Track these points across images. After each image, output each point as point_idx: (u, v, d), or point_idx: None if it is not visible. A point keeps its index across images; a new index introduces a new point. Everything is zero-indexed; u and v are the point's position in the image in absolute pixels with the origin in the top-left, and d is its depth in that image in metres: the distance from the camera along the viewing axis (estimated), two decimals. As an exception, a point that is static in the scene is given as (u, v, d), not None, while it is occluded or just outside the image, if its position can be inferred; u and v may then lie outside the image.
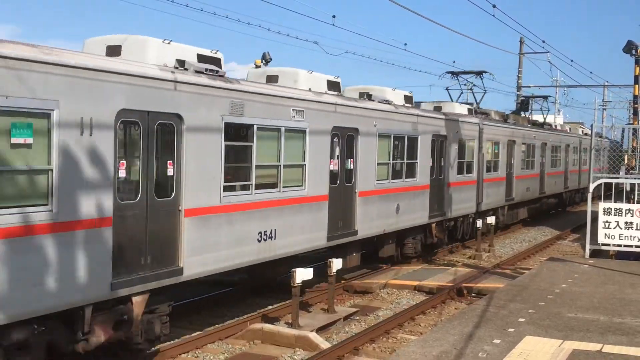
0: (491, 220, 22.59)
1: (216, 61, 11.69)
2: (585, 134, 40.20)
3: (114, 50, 10.64)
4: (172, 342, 11.37)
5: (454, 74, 27.87)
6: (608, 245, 16.91)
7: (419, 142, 18.63)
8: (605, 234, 16.66)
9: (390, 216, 17.25)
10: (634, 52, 23.65)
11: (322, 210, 14.36)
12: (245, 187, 12.12)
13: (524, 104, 41.05)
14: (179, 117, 10.34)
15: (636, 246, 16.54)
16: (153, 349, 10.54)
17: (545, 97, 38.33)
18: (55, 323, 8.69)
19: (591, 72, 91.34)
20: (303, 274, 12.56)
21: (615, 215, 16.56)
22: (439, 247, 21.57)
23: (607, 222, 16.61)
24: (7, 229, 7.85)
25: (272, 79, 14.14)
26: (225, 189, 11.47)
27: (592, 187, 17.41)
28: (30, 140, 8.16)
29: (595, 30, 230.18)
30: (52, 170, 8.37)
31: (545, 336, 9.79)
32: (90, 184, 8.86)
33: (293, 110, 13.26)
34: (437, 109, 22.51)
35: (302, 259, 14.53)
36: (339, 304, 14.95)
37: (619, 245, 16.77)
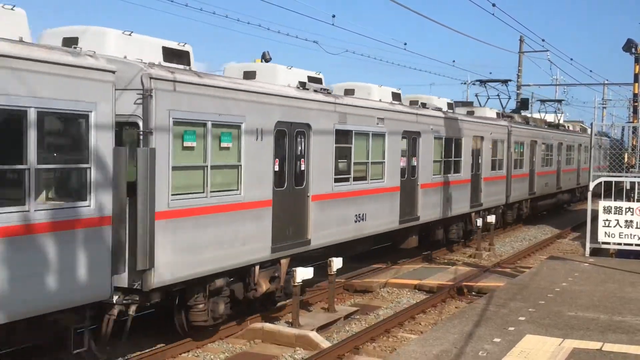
0: (491, 219, 22.62)
1: (319, 80, 15.10)
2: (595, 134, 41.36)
3: (250, 75, 13.77)
4: (173, 343, 11.36)
5: (482, 82, 31.15)
6: (608, 243, 16.90)
7: (462, 143, 21.56)
8: (606, 233, 16.66)
9: (442, 205, 20.19)
10: (633, 50, 23.64)
11: (395, 199, 17.32)
12: (347, 179, 15.18)
13: (523, 103, 41.13)
14: (308, 125, 13.57)
15: (636, 245, 16.53)
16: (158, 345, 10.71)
17: (560, 101, 41.41)
18: (237, 277, 11.96)
19: (591, 71, 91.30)
20: (303, 274, 12.58)
21: (615, 213, 16.56)
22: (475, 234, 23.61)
23: (607, 220, 16.61)
24: (218, 206, 11.17)
25: (349, 92, 17.00)
26: (335, 180, 14.60)
27: (592, 185, 17.41)
28: (230, 145, 11.41)
29: (595, 28, 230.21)
30: (240, 165, 11.65)
31: (545, 335, 9.79)
32: (260, 176, 12.18)
33: (377, 118, 16.32)
34: (470, 113, 25.28)
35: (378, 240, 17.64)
36: (339, 303, 14.96)
37: (619, 244, 16.77)
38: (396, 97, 17.29)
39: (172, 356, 11.04)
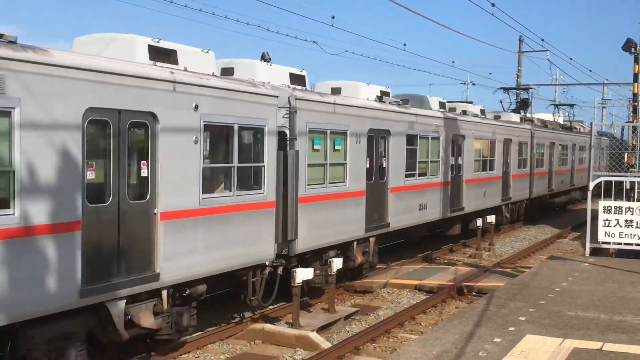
0: (491, 219, 22.64)
1: (387, 93, 18.17)
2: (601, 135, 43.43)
3: (336, 91, 16.48)
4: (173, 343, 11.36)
5: (506, 89, 35.16)
6: (608, 243, 16.91)
7: (495, 144, 24.95)
8: (605, 232, 16.66)
9: (481, 198, 23.67)
10: (633, 50, 23.65)
11: (447, 192, 20.71)
12: (413, 175, 18.59)
13: (523, 103, 41.14)
14: (388, 131, 16.98)
15: (636, 244, 16.54)
16: (182, 338, 11.16)
17: (572, 105, 44.01)
18: (342, 250, 15.22)
19: (590, 70, 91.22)
20: (304, 274, 12.58)
21: (615, 213, 16.57)
22: (506, 224, 27.54)
23: (607, 220, 16.61)
24: (332, 194, 14.58)
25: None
26: (406, 175, 18.03)
27: (592, 185, 17.41)
28: (340, 147, 14.90)
29: (594, 28, 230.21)
30: (346, 163, 15.04)
31: (545, 335, 9.80)
32: (358, 171, 15.56)
33: (435, 125, 19.79)
34: (497, 117, 28.33)
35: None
36: (340, 303, 14.96)
37: (619, 244, 16.77)
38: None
39: (173, 357, 11.04)
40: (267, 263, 12.58)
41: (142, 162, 9.77)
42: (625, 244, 16.68)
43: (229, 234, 11.39)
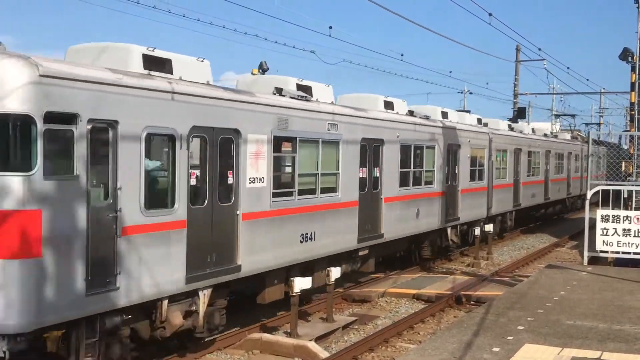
0: (489, 228, 22.63)
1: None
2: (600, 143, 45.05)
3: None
4: (171, 354, 11.34)
5: (557, 115, 41.21)
6: (606, 252, 16.89)
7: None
8: (603, 241, 16.65)
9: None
10: (630, 59, 23.69)
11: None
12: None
13: (520, 112, 41.30)
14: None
15: (634, 253, 16.52)
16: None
17: (573, 115, 47.38)
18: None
19: (588, 79, 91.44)
20: (301, 283, 12.56)
21: (613, 222, 16.56)
22: (517, 228, 29.73)
23: (605, 229, 16.60)
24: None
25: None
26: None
27: (589, 194, 17.41)
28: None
29: (591, 37, 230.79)
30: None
31: (544, 344, 9.78)
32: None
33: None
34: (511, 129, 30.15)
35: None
36: (338, 312, 14.93)
37: (617, 252, 16.76)
38: (479, 121, 23.05)
39: (172, 366, 11.01)
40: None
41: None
42: (623, 252, 16.66)
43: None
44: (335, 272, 13.72)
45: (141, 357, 10.70)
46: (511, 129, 28.67)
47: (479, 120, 25.44)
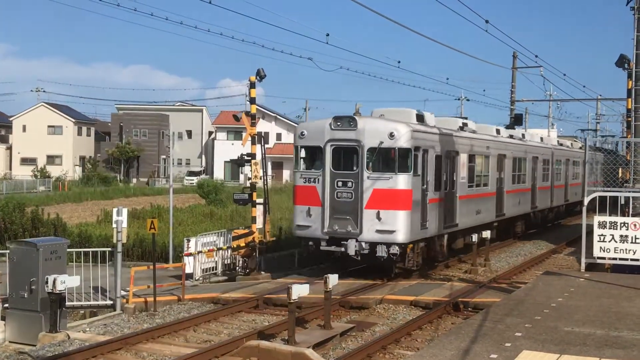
0: (486, 234, 22.64)
1: (465, 124, 24.23)
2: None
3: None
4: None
5: (583, 130, 44.25)
6: (603, 258, 16.90)
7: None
8: (601, 248, 16.66)
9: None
10: (626, 65, 23.76)
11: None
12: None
13: (517, 119, 41.37)
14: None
15: (632, 259, 16.52)
16: None
17: (596, 130, 50.69)
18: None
19: (584, 86, 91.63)
20: (299, 290, 12.55)
21: (610, 228, 16.57)
22: (550, 223, 35.70)
23: (602, 235, 16.61)
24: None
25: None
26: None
27: (586, 200, 17.43)
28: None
29: (588, 44, 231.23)
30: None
31: (542, 350, 9.77)
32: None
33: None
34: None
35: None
36: (335, 319, 14.90)
37: (615, 259, 16.76)
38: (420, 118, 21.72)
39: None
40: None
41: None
42: (620, 259, 16.66)
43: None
44: (333, 279, 13.71)
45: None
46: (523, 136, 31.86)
47: (498, 131, 29.49)
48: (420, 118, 20.46)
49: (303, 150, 19.56)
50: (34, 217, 28.85)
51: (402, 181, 18.41)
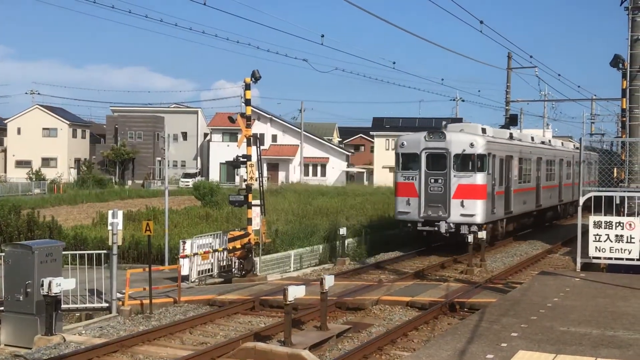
0: (482, 234, 22.67)
1: (511, 134, 30.54)
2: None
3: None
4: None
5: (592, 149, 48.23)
6: (599, 258, 16.91)
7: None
8: (596, 247, 16.67)
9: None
10: (620, 65, 23.80)
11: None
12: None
13: (512, 120, 41.48)
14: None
15: (627, 259, 16.55)
16: None
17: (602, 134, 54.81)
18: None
19: (579, 86, 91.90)
20: (295, 292, 12.54)
21: (605, 228, 16.59)
22: (570, 214, 39.87)
23: (597, 235, 16.63)
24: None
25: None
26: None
27: (582, 200, 17.45)
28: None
29: (582, 44, 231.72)
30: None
31: (538, 350, 9.78)
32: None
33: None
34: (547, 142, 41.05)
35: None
36: (332, 320, 14.91)
37: (610, 258, 16.78)
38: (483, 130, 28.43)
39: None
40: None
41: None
42: (616, 258, 16.68)
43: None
44: (329, 281, 13.72)
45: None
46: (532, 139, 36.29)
47: (532, 138, 35.61)
48: (483, 130, 27.73)
49: (404, 156, 26.13)
50: (29, 219, 28.78)
51: (479, 178, 25.12)
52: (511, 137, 30.10)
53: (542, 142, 35.37)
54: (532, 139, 34.10)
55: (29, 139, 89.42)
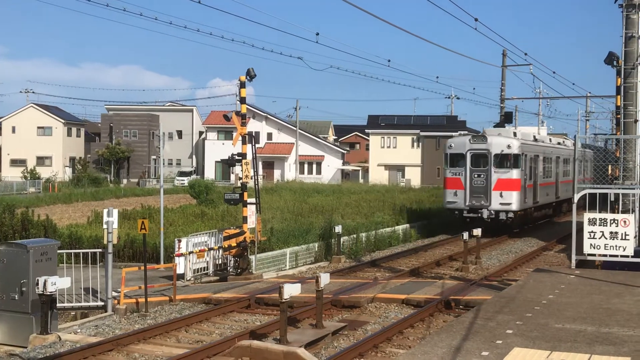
0: (477, 232, 22.70)
1: (535, 136, 35.99)
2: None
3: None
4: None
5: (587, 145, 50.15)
6: (594, 255, 16.94)
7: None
8: (591, 244, 16.70)
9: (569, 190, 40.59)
10: (615, 63, 23.84)
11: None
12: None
13: (507, 117, 41.54)
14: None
15: (622, 256, 16.59)
16: None
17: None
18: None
19: (574, 84, 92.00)
20: (291, 290, 12.55)
21: (600, 225, 16.62)
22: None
23: (592, 232, 16.66)
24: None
25: (543, 138, 37.89)
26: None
27: (576, 197, 17.48)
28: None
29: (577, 42, 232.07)
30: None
31: (533, 347, 9.80)
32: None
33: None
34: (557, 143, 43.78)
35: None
36: (327, 318, 14.92)
37: (605, 255, 16.82)
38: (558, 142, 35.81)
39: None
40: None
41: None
42: (610, 255, 16.72)
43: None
44: (324, 279, 13.73)
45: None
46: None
47: (550, 139, 40.95)
48: (514, 134, 32.98)
49: (452, 156, 31.81)
50: (24, 218, 28.72)
51: (515, 174, 30.48)
52: (535, 139, 35.53)
53: (558, 143, 40.36)
54: (550, 140, 39.45)
55: (23, 137, 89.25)
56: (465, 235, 22.04)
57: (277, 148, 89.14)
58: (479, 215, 30.13)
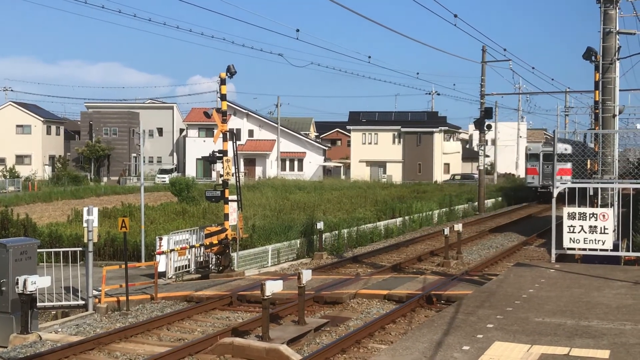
0: (458, 227, 22.82)
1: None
2: None
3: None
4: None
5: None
6: (573, 249, 17.09)
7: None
8: (570, 239, 16.83)
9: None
10: (593, 58, 24.02)
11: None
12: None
13: (487, 113, 41.80)
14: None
15: (601, 250, 16.74)
16: None
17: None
18: None
19: (553, 79, 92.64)
20: (273, 287, 12.55)
21: (579, 219, 16.76)
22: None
23: (571, 226, 16.80)
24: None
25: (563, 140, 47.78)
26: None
27: (556, 192, 17.61)
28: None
29: (555, 37, 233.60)
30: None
31: (513, 341, 9.87)
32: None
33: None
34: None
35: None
36: (310, 315, 14.94)
37: (584, 249, 16.96)
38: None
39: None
40: None
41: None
42: (590, 249, 16.85)
43: None
44: (306, 275, 13.74)
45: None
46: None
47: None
48: (568, 141, 42.39)
49: (531, 154, 49.49)
50: (3, 217, 28.48)
51: (569, 165, 31.92)
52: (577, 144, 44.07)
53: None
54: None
55: (2, 136, 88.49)
56: (447, 230, 22.13)
57: (259, 145, 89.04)
58: (549, 189, 37.48)
